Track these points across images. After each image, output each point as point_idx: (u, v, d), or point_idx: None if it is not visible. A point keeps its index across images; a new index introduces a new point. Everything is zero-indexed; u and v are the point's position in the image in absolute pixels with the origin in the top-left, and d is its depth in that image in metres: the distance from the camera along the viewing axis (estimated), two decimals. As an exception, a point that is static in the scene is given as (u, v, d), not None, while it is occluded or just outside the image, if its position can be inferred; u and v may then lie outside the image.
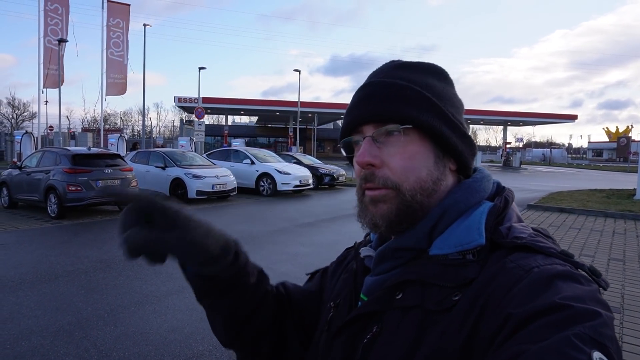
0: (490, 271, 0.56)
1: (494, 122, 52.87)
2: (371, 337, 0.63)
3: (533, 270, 0.53)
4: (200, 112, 24.89)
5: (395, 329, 0.60)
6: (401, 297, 0.61)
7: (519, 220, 0.65)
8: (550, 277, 0.52)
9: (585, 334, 0.45)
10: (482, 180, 0.69)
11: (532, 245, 0.57)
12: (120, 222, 0.59)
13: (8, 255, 6.51)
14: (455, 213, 0.64)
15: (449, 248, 0.61)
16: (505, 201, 0.65)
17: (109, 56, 20.59)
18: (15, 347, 3.61)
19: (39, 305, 4.55)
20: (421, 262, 0.63)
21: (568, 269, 0.54)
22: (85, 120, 65.31)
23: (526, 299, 0.50)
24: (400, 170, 0.64)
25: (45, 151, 10.99)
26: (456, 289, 0.57)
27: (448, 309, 0.56)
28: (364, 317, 0.65)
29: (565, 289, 0.50)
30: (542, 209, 11.87)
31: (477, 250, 0.59)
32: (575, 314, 0.47)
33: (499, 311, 0.51)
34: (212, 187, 12.61)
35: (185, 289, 5.07)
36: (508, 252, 0.58)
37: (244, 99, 42.65)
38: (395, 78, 0.67)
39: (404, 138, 0.64)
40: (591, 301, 0.49)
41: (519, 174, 32.12)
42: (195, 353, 3.61)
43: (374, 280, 0.68)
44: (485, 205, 0.64)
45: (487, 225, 0.61)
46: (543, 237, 0.62)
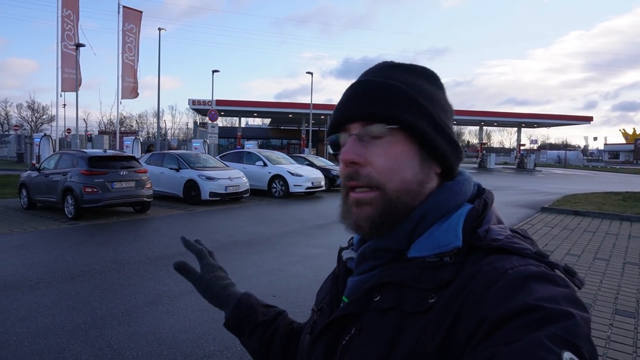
0: (467, 273, 0.56)
1: (507, 124, 52.28)
2: (349, 339, 0.64)
3: (508, 272, 0.54)
4: (213, 115, 25.14)
5: (373, 331, 0.60)
6: (379, 299, 0.62)
7: (498, 222, 0.65)
8: (524, 278, 0.52)
9: (556, 334, 0.45)
10: (463, 182, 0.68)
11: (507, 247, 0.58)
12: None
13: (26, 255, 6.67)
14: (435, 216, 0.64)
15: (426, 250, 0.61)
16: (485, 203, 0.65)
17: (124, 60, 20.94)
18: (32, 345, 3.71)
19: (55, 304, 4.66)
20: (399, 264, 0.63)
21: (542, 269, 0.54)
22: (101, 122, 66.36)
23: (500, 301, 0.50)
24: (385, 170, 0.63)
25: (62, 153, 11.21)
26: (433, 291, 0.57)
27: (424, 311, 0.56)
28: (344, 319, 0.66)
29: (538, 290, 0.50)
30: (556, 211, 11.72)
31: (454, 252, 0.59)
32: (547, 315, 0.47)
33: (474, 313, 0.52)
34: (225, 189, 12.72)
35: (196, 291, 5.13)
36: (485, 254, 0.58)
37: (257, 102, 42.89)
38: (386, 78, 0.67)
39: (390, 138, 0.64)
40: (565, 301, 0.49)
41: (533, 176, 31.73)
42: (207, 353, 3.67)
43: (355, 281, 0.69)
44: (464, 208, 0.64)
45: (464, 227, 0.61)
46: (520, 238, 0.62)
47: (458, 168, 0.70)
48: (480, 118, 43.72)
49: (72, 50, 19.49)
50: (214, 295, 0.92)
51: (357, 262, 0.70)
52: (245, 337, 0.91)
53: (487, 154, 43.59)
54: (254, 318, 0.90)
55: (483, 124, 47.89)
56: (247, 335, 0.90)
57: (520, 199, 15.30)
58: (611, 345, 3.75)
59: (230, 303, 0.91)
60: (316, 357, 0.69)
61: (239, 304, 0.91)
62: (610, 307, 4.65)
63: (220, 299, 0.91)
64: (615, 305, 4.69)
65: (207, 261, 0.98)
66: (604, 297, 4.94)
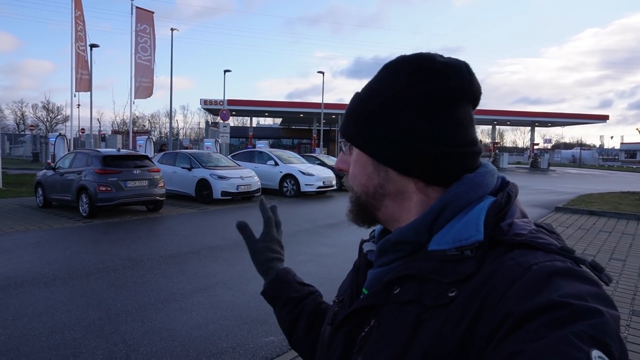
0: (489, 268, 0.55)
1: (521, 123, 51.69)
2: (369, 330, 0.64)
3: (532, 267, 0.52)
4: (225, 114, 25.27)
5: (392, 323, 0.60)
6: (399, 292, 0.62)
7: (522, 216, 0.64)
8: (550, 274, 0.51)
9: (585, 332, 0.44)
10: (485, 175, 0.66)
11: (531, 242, 0.56)
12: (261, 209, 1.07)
13: (43, 253, 6.77)
14: (455, 208, 0.63)
15: (447, 244, 0.60)
16: (508, 196, 0.64)
17: (137, 60, 21.13)
18: (49, 340, 3.77)
19: (71, 300, 4.73)
20: (420, 257, 0.63)
21: (568, 265, 0.53)
22: (115, 122, 67.12)
23: (525, 296, 0.50)
24: (351, 176, 0.74)
25: (77, 153, 11.36)
26: (453, 284, 0.57)
27: (445, 304, 0.56)
28: (363, 310, 0.66)
29: (564, 286, 0.49)
30: (571, 211, 11.57)
31: (476, 246, 0.58)
32: (574, 312, 0.46)
33: (497, 309, 0.51)
34: (237, 188, 12.78)
35: (210, 288, 5.18)
36: (508, 249, 0.57)
37: (268, 101, 43.03)
38: (366, 87, 0.72)
39: (354, 150, 0.73)
40: (592, 298, 0.48)
41: (547, 176, 31.36)
42: (219, 349, 3.69)
43: (375, 273, 0.70)
44: (486, 201, 0.63)
45: (487, 221, 0.60)
46: (545, 233, 0.60)
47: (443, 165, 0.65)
48: (493, 117, 43.31)
49: (83, 51, 19.73)
50: (259, 263, 1.00)
51: (377, 254, 0.70)
52: (277, 308, 0.98)
53: (500, 154, 43.18)
54: (286, 292, 0.97)
55: (496, 123, 47.43)
56: (279, 307, 0.97)
57: (534, 198, 15.13)
58: (628, 346, 3.69)
59: (270, 274, 0.99)
60: (336, 347, 0.70)
61: (277, 277, 0.98)
62: (628, 307, 4.57)
63: (263, 268, 1.00)
64: (632, 306, 4.62)
65: (269, 230, 1.04)
66: (620, 298, 4.87)
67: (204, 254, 6.84)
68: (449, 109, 0.65)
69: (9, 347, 3.63)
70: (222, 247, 7.26)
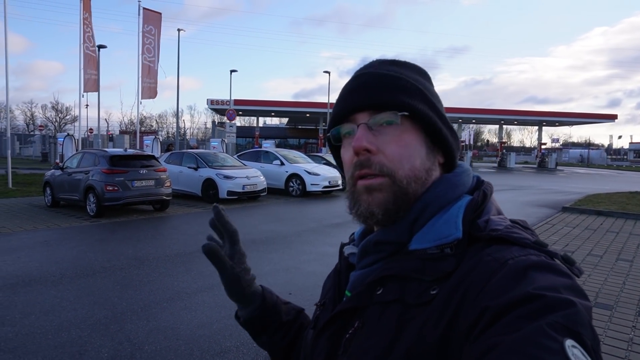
0: (467, 264, 0.57)
1: (528, 122, 51.35)
2: (353, 332, 0.64)
3: (508, 262, 0.54)
4: (231, 114, 25.35)
5: (376, 324, 0.61)
6: (381, 293, 0.63)
7: (498, 213, 0.66)
8: (525, 268, 0.53)
9: (558, 322, 0.46)
10: (462, 174, 0.69)
11: (507, 236, 0.58)
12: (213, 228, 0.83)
13: (50, 252, 6.85)
14: (435, 207, 0.65)
15: (427, 242, 0.62)
16: (484, 194, 0.66)
17: (143, 61, 21.30)
18: (56, 338, 3.82)
19: (77, 299, 4.78)
20: (401, 257, 0.64)
21: (542, 259, 0.55)
22: (122, 122, 67.64)
23: (501, 291, 0.51)
24: (396, 158, 0.64)
25: (85, 152, 11.45)
26: (434, 282, 0.58)
27: (427, 302, 0.57)
28: (347, 312, 0.67)
29: (539, 279, 0.51)
30: (577, 211, 11.49)
31: (455, 244, 0.60)
32: (548, 304, 0.47)
33: (475, 304, 0.52)
34: (243, 188, 12.83)
35: (214, 287, 5.21)
36: (485, 245, 0.58)
37: (274, 101, 43.13)
38: (390, 70, 0.69)
39: (399, 127, 0.65)
40: (565, 290, 0.50)
41: (555, 176, 31.13)
42: (223, 349, 3.71)
43: (358, 274, 0.70)
44: (464, 200, 0.65)
45: (464, 219, 0.62)
46: (520, 228, 0.62)
47: (457, 157, 0.73)
48: (500, 117, 43.09)
49: (92, 51, 19.90)
50: (239, 291, 0.82)
51: (359, 256, 0.70)
52: (267, 336, 0.88)
53: (507, 153, 42.90)
54: (278, 317, 0.87)
55: (503, 122, 47.18)
56: (269, 334, 0.88)
57: (541, 198, 15.04)
58: (633, 348, 3.67)
59: (254, 301, 0.85)
60: (319, 350, 0.70)
61: (264, 303, 0.86)
62: (634, 309, 4.54)
63: (245, 295, 0.83)
64: (638, 307, 4.58)
65: (239, 248, 0.82)
66: (627, 299, 4.83)
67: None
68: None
69: (17, 344, 3.68)
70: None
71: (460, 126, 48.60)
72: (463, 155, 40.76)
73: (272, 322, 0.87)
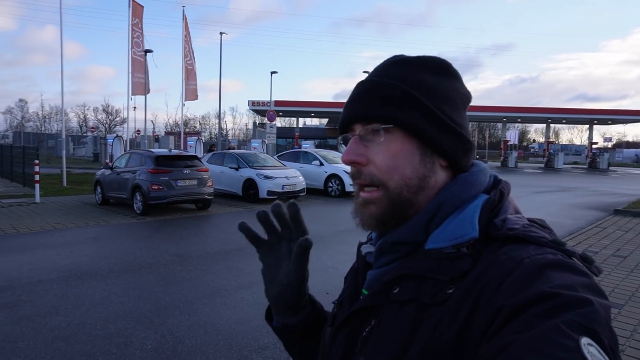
0: (483, 264, 0.57)
1: (578, 121, 49.01)
2: (369, 331, 0.65)
3: (524, 261, 0.54)
4: (272, 115, 25.70)
5: (392, 323, 0.62)
6: (398, 292, 0.63)
7: (515, 212, 0.65)
8: (541, 266, 0.52)
9: (574, 320, 0.45)
10: (478, 173, 0.69)
11: (524, 235, 0.58)
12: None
13: (100, 247, 7.20)
14: (450, 207, 0.65)
15: (443, 242, 0.62)
16: (501, 194, 0.66)
17: (186, 66, 22.04)
18: (104, 329, 4.02)
19: (124, 292, 5.00)
20: (417, 256, 0.64)
21: (559, 257, 0.54)
22: (167, 124, 70.11)
23: (517, 289, 0.51)
24: (385, 169, 0.66)
25: (132, 153, 11.96)
26: (450, 282, 0.58)
27: (442, 301, 0.57)
28: (364, 311, 0.68)
29: (555, 278, 0.50)
30: (631, 214, 10.89)
31: (471, 243, 0.60)
32: (564, 302, 0.47)
33: (491, 303, 0.52)
34: (282, 188, 12.98)
35: (253, 285, 5.31)
36: (501, 244, 0.58)
37: (314, 102, 43.30)
38: (387, 76, 0.68)
39: (388, 137, 0.66)
40: (582, 288, 0.49)
41: (607, 177, 29.59)
42: (261, 345, 3.79)
43: (375, 273, 0.70)
44: (480, 199, 0.65)
45: (481, 218, 0.61)
46: (537, 227, 0.62)
47: (468, 158, 0.70)
48: (546, 115, 41.38)
49: (140, 56, 20.76)
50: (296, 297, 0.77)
51: (376, 256, 0.71)
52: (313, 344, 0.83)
53: (555, 153, 41.18)
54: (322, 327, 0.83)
55: (550, 121, 45.30)
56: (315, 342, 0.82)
57: (591, 200, 14.35)
58: None
59: (305, 309, 0.82)
60: (337, 348, 0.70)
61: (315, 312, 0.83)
62: (691, 318, 4.26)
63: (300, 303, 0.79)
64: (696, 317, 4.30)
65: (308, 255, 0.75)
66: (683, 308, 4.54)
67: (248, 251, 7.00)
68: (465, 108, 0.72)
69: (69, 333, 3.90)
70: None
71: (504, 125, 47.08)
72: (507, 156, 39.49)
73: (317, 332, 0.82)
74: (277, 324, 0.83)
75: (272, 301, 0.79)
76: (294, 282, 0.75)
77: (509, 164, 38.75)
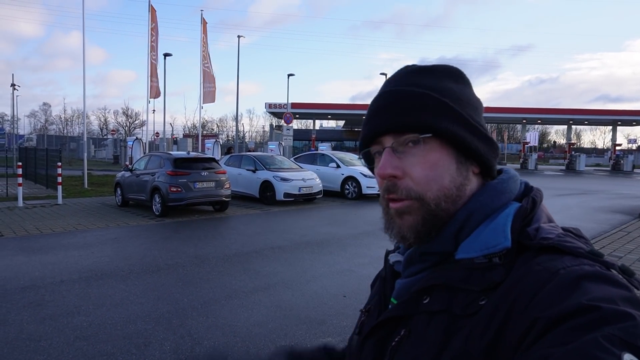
0: (517, 274, 0.55)
1: (600, 122, 48.05)
2: (399, 340, 0.63)
3: (560, 272, 0.52)
4: (288, 117, 25.79)
5: (422, 333, 0.60)
6: (428, 302, 0.62)
7: (549, 221, 0.63)
8: (578, 278, 0.50)
9: (615, 335, 0.43)
10: (508, 181, 0.67)
11: (559, 245, 0.56)
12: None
13: (120, 248, 7.31)
14: (481, 216, 0.63)
15: (474, 252, 0.60)
16: (533, 202, 0.64)
17: (204, 69, 22.31)
18: (124, 329, 4.07)
19: (144, 293, 5.06)
20: (447, 266, 0.63)
21: (597, 269, 0.52)
22: (186, 126, 70.99)
23: (553, 301, 0.49)
24: (423, 180, 0.63)
25: (151, 155, 12.13)
26: (482, 293, 0.56)
27: (474, 313, 0.56)
28: (393, 320, 0.66)
29: (593, 290, 0.48)
30: (657, 218, 10.58)
31: (504, 253, 0.58)
32: (603, 316, 0.45)
33: (525, 315, 0.50)
34: (299, 190, 13.01)
35: (270, 287, 5.32)
36: (535, 254, 0.56)
37: (331, 104, 43.37)
38: (410, 85, 0.66)
39: (424, 147, 0.64)
40: (622, 302, 0.47)
41: (631, 179, 28.88)
42: (278, 347, 3.78)
43: (403, 283, 0.69)
44: (511, 207, 0.63)
45: (513, 227, 0.60)
46: (572, 237, 0.59)
47: (496, 164, 0.69)
48: (568, 116, 40.62)
49: (155, 59, 21.11)
50: None
51: (405, 265, 0.70)
52: None
53: (577, 155, 40.38)
54: None
55: (572, 122, 44.48)
56: None
57: (615, 203, 14.00)
58: None
59: None
60: (365, 356, 0.70)
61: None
62: None
63: None
64: None
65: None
66: None
67: (265, 253, 7.03)
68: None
69: (90, 333, 3.96)
70: (283, 248, 7.43)
71: (524, 127, 46.37)
72: (527, 158, 38.86)
73: None
74: None
75: None
76: None
77: (528, 166, 38.13)
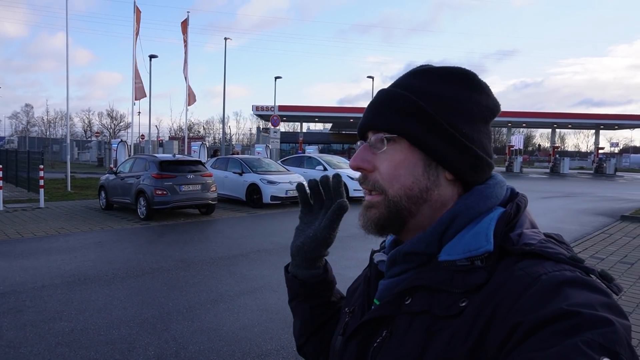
0: (498, 278, 0.56)
1: (584, 126, 48.95)
2: (381, 341, 0.64)
3: (541, 277, 0.52)
4: (275, 120, 25.72)
5: (404, 334, 0.61)
6: (410, 303, 0.62)
7: (532, 227, 0.64)
8: (559, 283, 0.51)
9: (594, 340, 0.44)
10: (494, 186, 0.67)
11: (540, 251, 0.56)
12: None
13: (104, 252, 7.20)
14: (465, 219, 0.64)
15: (457, 254, 0.61)
16: (517, 207, 0.64)
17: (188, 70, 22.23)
18: (107, 334, 4.00)
19: (127, 298, 4.99)
20: (430, 268, 0.63)
21: (578, 275, 0.53)
22: (172, 129, 70.30)
23: (534, 306, 0.50)
24: (387, 177, 0.67)
25: (136, 158, 11.98)
26: (463, 295, 0.57)
27: (455, 314, 0.56)
28: (375, 321, 0.67)
29: (574, 296, 0.49)
30: (638, 220, 10.79)
31: (485, 256, 0.59)
32: (583, 321, 0.46)
33: (507, 319, 0.51)
34: (286, 193, 12.98)
35: (256, 290, 5.29)
36: (517, 259, 0.57)
37: (318, 107, 43.40)
38: (402, 86, 0.69)
39: (394, 146, 0.67)
40: (602, 307, 0.48)
41: (613, 182, 29.41)
42: (264, 351, 3.76)
43: (387, 283, 0.70)
44: (496, 212, 0.64)
45: (496, 231, 0.60)
46: (554, 243, 0.60)
47: (477, 174, 0.68)
48: (552, 120, 41.31)
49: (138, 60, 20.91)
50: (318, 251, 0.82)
51: (388, 265, 0.70)
52: (308, 306, 0.86)
53: (561, 158, 41.00)
54: (329, 294, 0.88)
55: (556, 126, 45.21)
56: (310, 305, 0.86)
57: (597, 206, 14.25)
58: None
59: (319, 268, 0.86)
60: (348, 357, 0.70)
61: (327, 275, 0.86)
62: (700, 326, 4.20)
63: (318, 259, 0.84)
64: None
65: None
66: (692, 315, 4.48)
67: (252, 257, 6.99)
68: (488, 122, 0.70)
69: (72, 339, 3.89)
70: (270, 251, 7.40)
71: (509, 130, 46.99)
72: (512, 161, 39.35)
73: (322, 295, 0.87)
74: (290, 273, 0.88)
75: (293, 250, 0.84)
76: (319, 237, 0.79)
77: (514, 169, 38.61)
